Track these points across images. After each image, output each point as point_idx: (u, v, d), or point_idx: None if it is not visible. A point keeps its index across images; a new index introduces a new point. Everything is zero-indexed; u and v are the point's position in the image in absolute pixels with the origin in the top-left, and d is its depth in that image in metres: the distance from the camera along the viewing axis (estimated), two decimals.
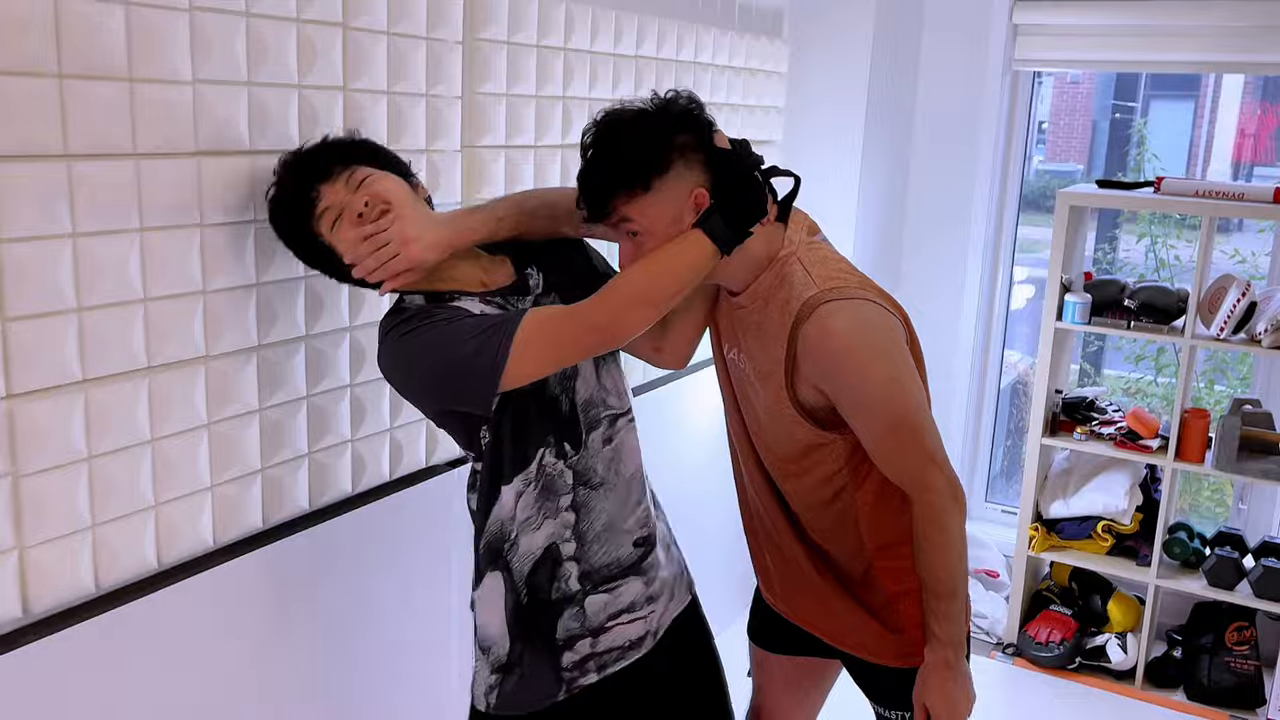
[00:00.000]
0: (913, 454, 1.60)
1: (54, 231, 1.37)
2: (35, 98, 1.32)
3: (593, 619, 1.69)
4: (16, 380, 1.36)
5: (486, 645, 1.69)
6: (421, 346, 1.50)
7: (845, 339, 1.57)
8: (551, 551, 1.65)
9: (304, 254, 1.59)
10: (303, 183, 1.53)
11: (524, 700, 1.68)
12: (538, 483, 1.63)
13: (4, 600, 1.39)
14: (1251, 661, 3.35)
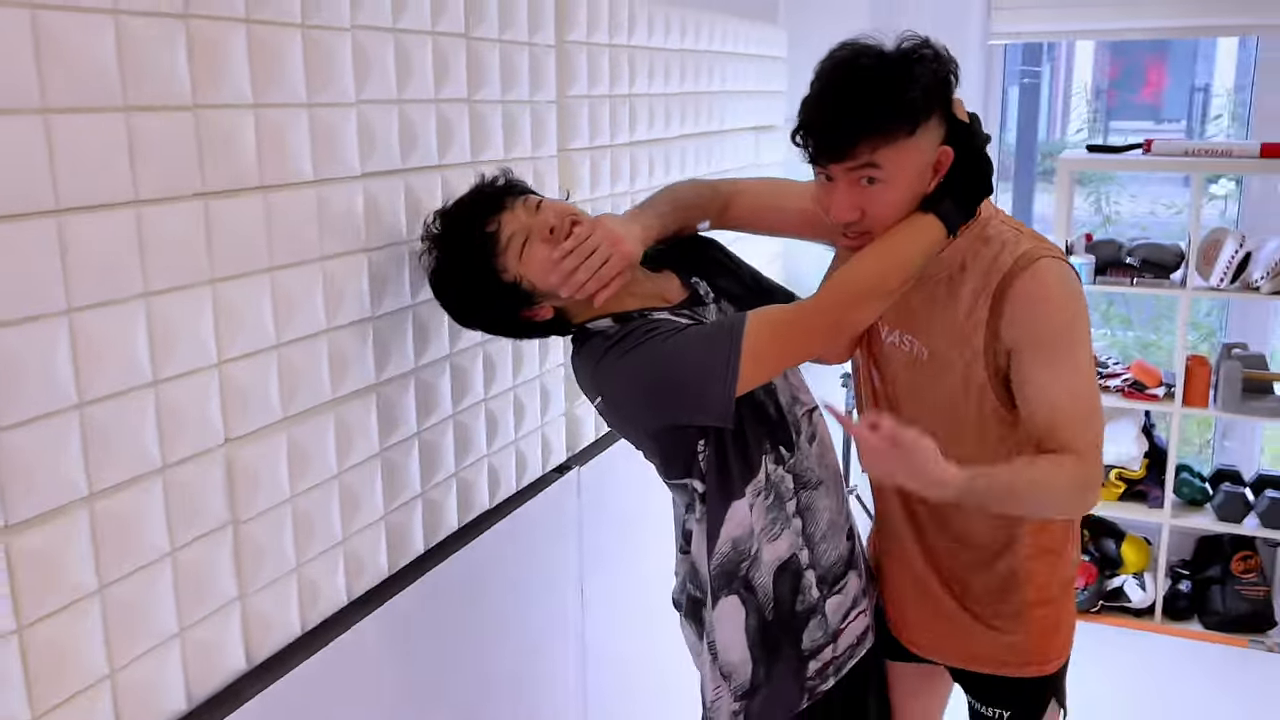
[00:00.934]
0: (1082, 432, 1.39)
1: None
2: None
3: (832, 623, 1.57)
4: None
5: (728, 671, 1.55)
6: (651, 360, 1.37)
7: (1063, 295, 1.42)
8: (792, 563, 1.53)
9: (479, 306, 1.44)
10: (475, 222, 1.39)
11: (770, 715, 1.56)
12: (769, 492, 1.50)
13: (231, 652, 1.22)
14: (1260, 588, 3.35)
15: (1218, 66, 9.57)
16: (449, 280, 1.46)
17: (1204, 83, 9.48)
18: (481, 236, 1.40)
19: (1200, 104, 9.48)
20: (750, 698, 1.56)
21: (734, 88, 2.76)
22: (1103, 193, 5.00)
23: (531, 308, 1.46)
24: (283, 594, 1.35)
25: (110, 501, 1.10)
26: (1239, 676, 3.10)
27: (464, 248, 1.41)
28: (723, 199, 1.65)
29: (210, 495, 1.23)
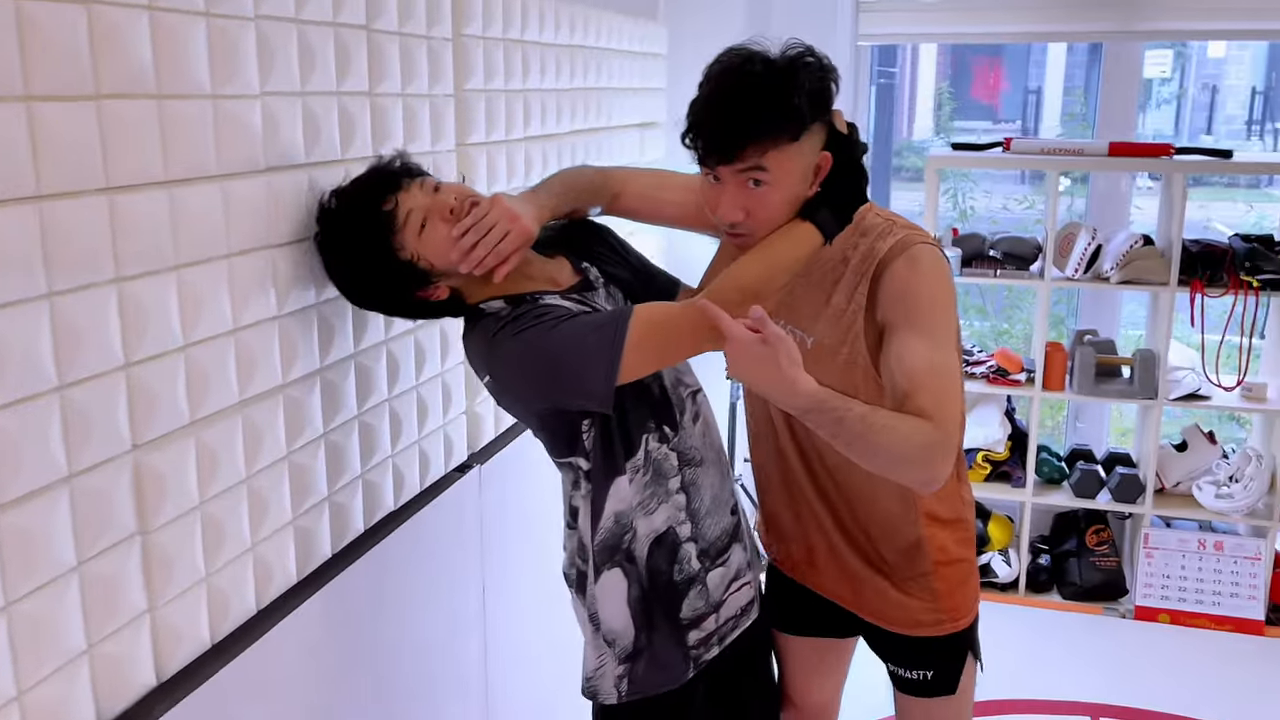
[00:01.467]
0: (940, 405, 1.38)
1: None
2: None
3: (714, 594, 1.63)
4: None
5: (611, 639, 1.61)
6: (539, 344, 1.40)
7: (933, 275, 1.49)
8: (669, 535, 1.59)
9: (375, 284, 1.43)
10: (373, 199, 1.39)
11: (655, 681, 1.61)
12: (647, 469, 1.56)
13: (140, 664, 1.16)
14: (1112, 559, 3.59)
15: (1048, 71, 10.15)
16: (345, 258, 1.44)
17: (1036, 85, 10.06)
18: (379, 214, 1.40)
19: (1034, 105, 10.05)
20: (634, 661, 1.61)
21: (619, 84, 2.78)
22: (959, 190, 5.26)
23: (427, 287, 1.47)
24: (192, 605, 1.30)
25: (15, 513, 1.05)
26: (1096, 642, 3.33)
27: (361, 225, 1.40)
28: (614, 186, 1.68)
29: (118, 504, 1.17)
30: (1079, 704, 2.96)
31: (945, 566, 1.71)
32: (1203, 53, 8.03)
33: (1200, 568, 3.43)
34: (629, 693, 1.62)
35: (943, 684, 1.74)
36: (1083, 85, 9.76)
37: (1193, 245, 3.26)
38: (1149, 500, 3.45)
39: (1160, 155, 3.20)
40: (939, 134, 9.08)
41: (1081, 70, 10.02)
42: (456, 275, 1.46)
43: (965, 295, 5.29)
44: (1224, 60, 9.37)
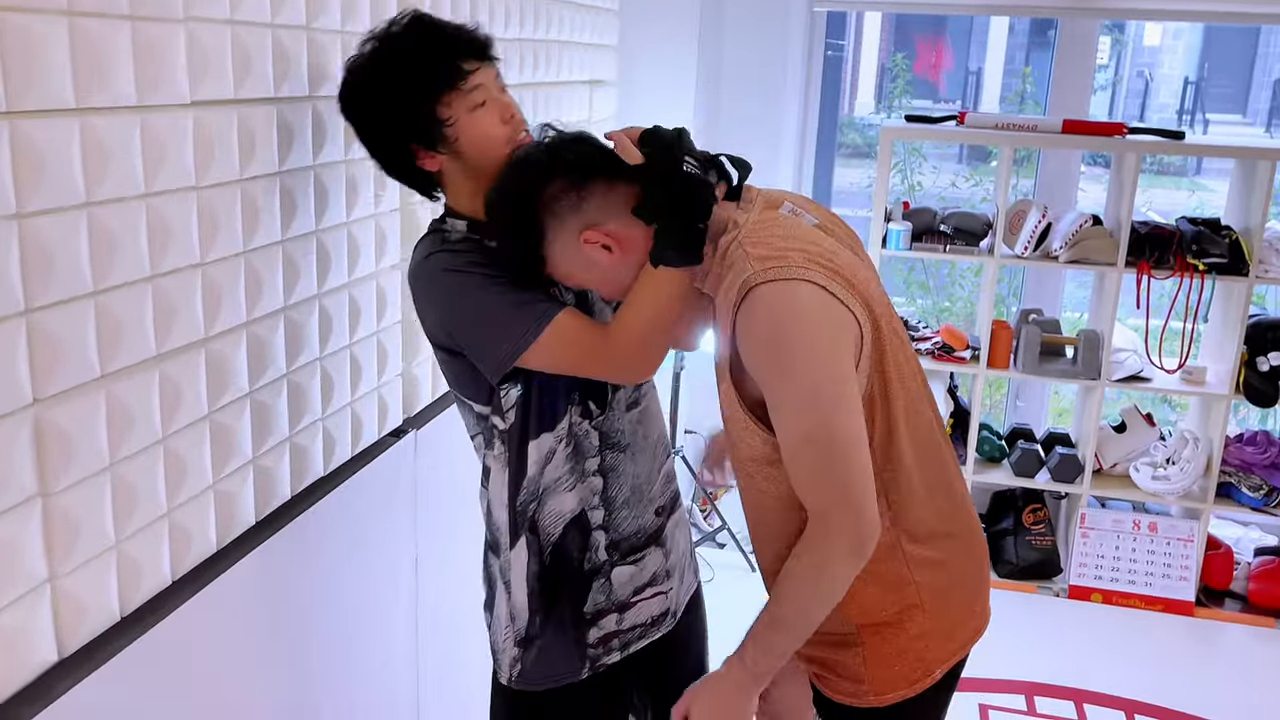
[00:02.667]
0: (823, 479, 1.29)
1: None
2: None
3: (619, 592, 1.56)
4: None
5: (514, 613, 1.56)
6: (461, 294, 1.41)
7: (767, 327, 1.28)
8: (581, 519, 1.53)
9: (395, 111, 1.39)
10: (447, 52, 1.38)
11: (544, 675, 1.56)
12: (569, 442, 1.50)
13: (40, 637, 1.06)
14: (1048, 538, 3.63)
15: (989, 51, 10.24)
16: (390, 73, 1.39)
17: (977, 66, 10.15)
18: (451, 70, 1.38)
19: (974, 85, 10.14)
20: (527, 648, 1.56)
21: (569, 38, 2.69)
22: (908, 165, 5.25)
23: (431, 150, 1.43)
24: (100, 574, 1.21)
25: None
26: (1030, 620, 3.36)
27: (420, 69, 1.37)
28: None
29: (16, 464, 1.07)
30: (1014, 682, 2.99)
31: (868, 631, 1.45)
32: (1139, 40, 8.15)
33: (1134, 549, 3.48)
34: (519, 681, 1.57)
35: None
36: (1023, 66, 9.84)
37: (1141, 227, 3.28)
38: (1087, 480, 3.49)
39: (1114, 134, 3.20)
40: (879, 110, 9.07)
41: (1022, 52, 10.11)
42: (462, 166, 1.44)
43: (909, 270, 5.31)
44: (1159, 49, 9.53)
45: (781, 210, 1.43)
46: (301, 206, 1.54)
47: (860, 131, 8.13)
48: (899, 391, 1.38)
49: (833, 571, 1.30)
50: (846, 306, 1.31)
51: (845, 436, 1.28)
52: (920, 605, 1.44)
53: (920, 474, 1.42)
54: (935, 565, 1.45)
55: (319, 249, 1.60)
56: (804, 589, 1.31)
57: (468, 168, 1.44)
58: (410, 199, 1.87)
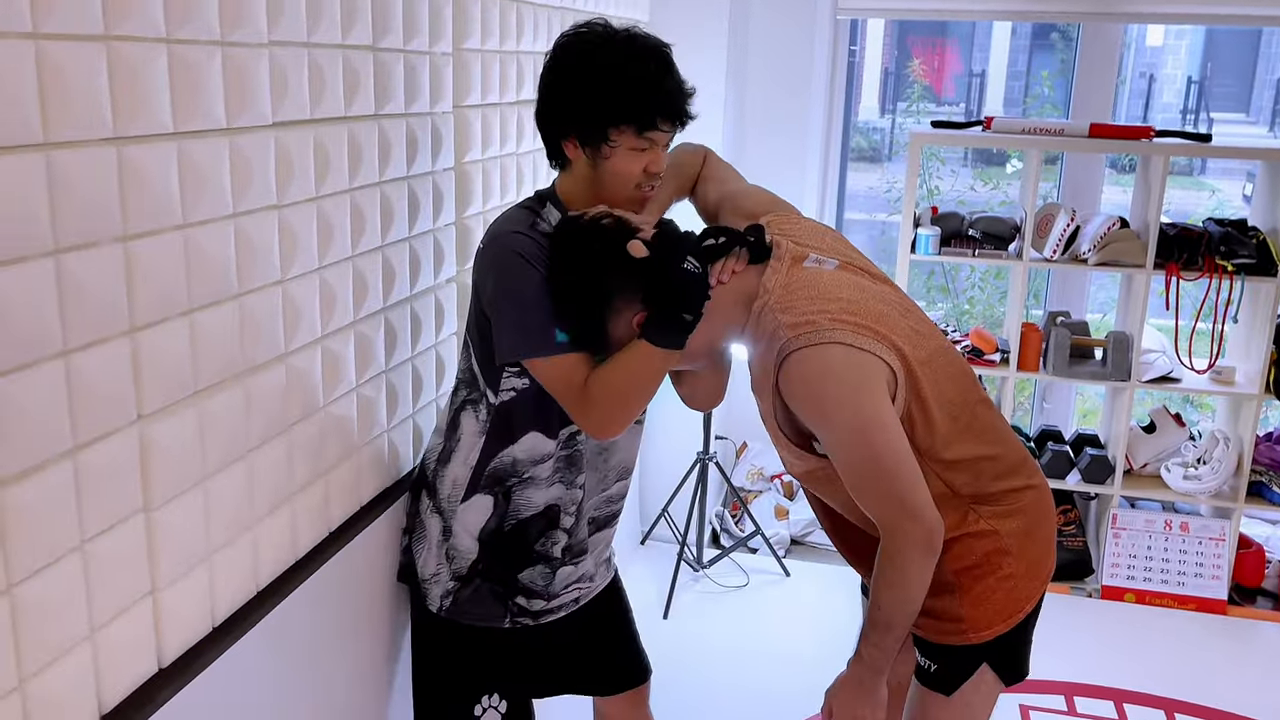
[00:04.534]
0: (881, 499, 1.50)
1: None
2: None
3: (555, 585, 1.71)
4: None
5: (453, 555, 1.67)
6: (520, 279, 1.49)
7: (806, 388, 1.49)
8: (552, 515, 1.67)
9: (570, 104, 1.50)
10: (658, 102, 1.48)
11: (473, 614, 1.68)
12: (567, 452, 1.64)
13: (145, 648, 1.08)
14: (1079, 539, 3.64)
15: (992, 54, 10.24)
16: (607, 75, 1.48)
17: (980, 69, 10.15)
18: (646, 112, 1.47)
19: (978, 88, 10.14)
20: (462, 585, 1.67)
21: None
22: (927, 168, 5.28)
23: (585, 145, 1.52)
24: (195, 585, 1.24)
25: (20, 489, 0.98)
26: (1064, 621, 3.37)
27: (640, 95, 1.47)
28: (700, 158, 1.79)
29: (124, 479, 1.11)
30: (1054, 683, 3.00)
31: (965, 575, 1.62)
32: (1141, 41, 8.16)
33: (1166, 548, 3.49)
34: (449, 612, 1.68)
35: (941, 681, 1.67)
36: (1024, 68, 9.85)
37: (1169, 229, 3.30)
38: (1118, 481, 3.51)
39: (1141, 138, 3.23)
40: (885, 115, 9.08)
41: (1024, 54, 10.12)
42: (591, 174, 1.55)
43: (929, 275, 5.33)
44: (1161, 49, 9.53)
45: (806, 264, 1.58)
46: (370, 223, 1.58)
47: (865, 135, 8.13)
48: (931, 395, 1.54)
49: (914, 571, 1.50)
50: (873, 353, 1.49)
51: (890, 458, 1.47)
52: (1007, 550, 1.61)
53: (967, 450, 1.59)
54: (1011, 515, 1.62)
55: (385, 264, 1.64)
56: (895, 591, 1.52)
57: (593, 178, 1.56)
58: (464, 212, 1.91)
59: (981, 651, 1.64)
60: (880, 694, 1.60)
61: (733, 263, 1.56)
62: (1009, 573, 1.61)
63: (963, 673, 1.66)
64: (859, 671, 1.59)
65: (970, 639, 1.62)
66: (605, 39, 1.50)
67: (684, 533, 3.36)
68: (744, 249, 1.57)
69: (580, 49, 1.51)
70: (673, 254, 1.48)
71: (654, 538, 3.61)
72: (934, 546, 1.49)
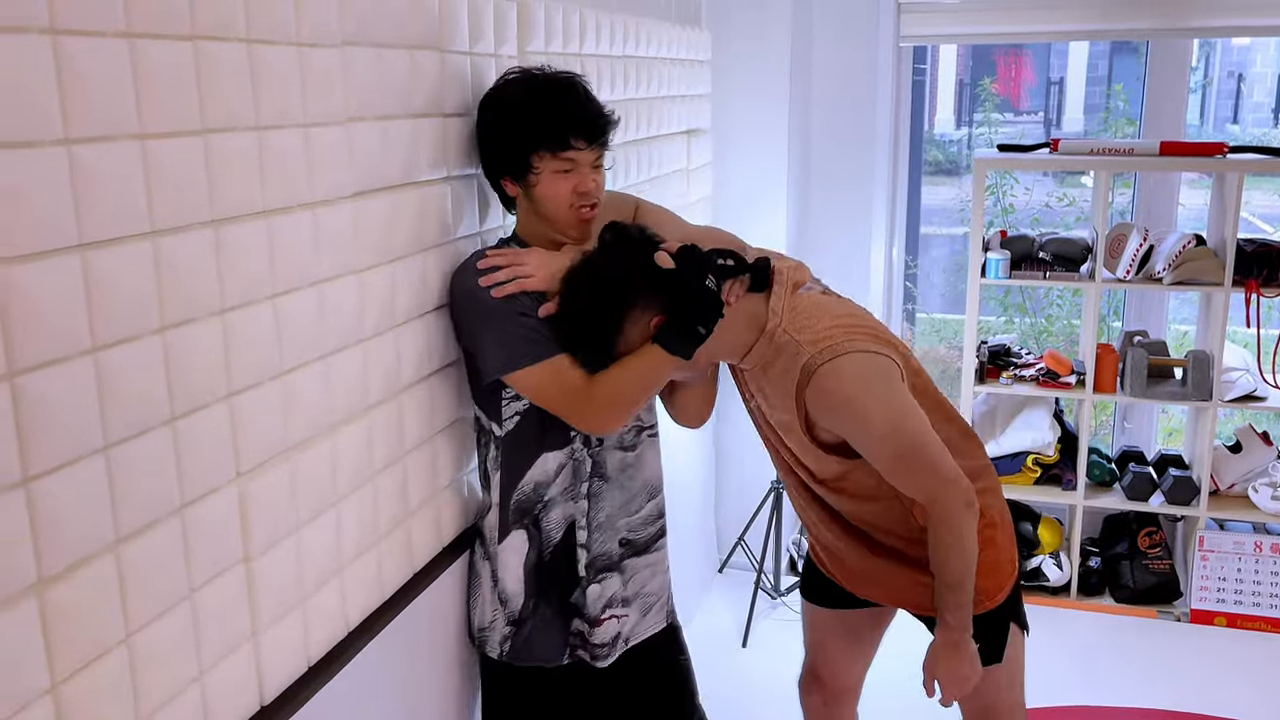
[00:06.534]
0: (921, 475, 1.69)
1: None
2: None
3: (591, 607, 1.73)
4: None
5: (504, 598, 1.72)
6: (478, 304, 1.58)
7: (841, 396, 1.66)
8: (570, 533, 1.71)
9: (499, 138, 1.63)
10: (567, 122, 1.58)
11: (534, 654, 1.73)
12: (570, 461, 1.69)
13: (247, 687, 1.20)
14: (1165, 561, 3.57)
15: (1070, 62, 10.03)
16: (515, 110, 1.61)
17: (1059, 77, 9.96)
18: (558, 135, 1.58)
19: (1056, 97, 9.96)
20: (519, 627, 1.72)
21: (666, 93, 2.80)
22: (1000, 185, 5.24)
23: (516, 180, 1.65)
24: (291, 627, 1.33)
25: (132, 545, 1.07)
26: (1152, 646, 3.31)
27: (547, 119, 1.59)
28: (632, 210, 1.88)
29: (227, 532, 1.20)
30: (1142, 710, 2.95)
31: None
32: (1226, 42, 7.96)
33: (1257, 570, 3.41)
34: (509, 655, 1.73)
35: (990, 654, 1.82)
36: (1105, 73, 9.63)
37: (1246, 245, 3.24)
38: (1204, 502, 3.43)
39: (1213, 154, 3.18)
40: (960, 127, 8.95)
41: (1104, 60, 9.91)
42: (533, 206, 1.66)
43: (1005, 294, 5.28)
44: (1249, 48, 9.26)
45: (803, 291, 1.77)
46: (436, 284, 1.66)
47: (941, 148, 8.06)
48: (915, 383, 1.77)
49: (965, 529, 1.69)
50: (884, 355, 1.70)
51: (920, 437, 1.68)
52: (996, 523, 1.86)
53: (948, 432, 1.78)
54: (990, 492, 1.87)
55: None
56: (955, 552, 1.70)
57: (533, 210, 1.67)
58: None
59: (1004, 611, 1.86)
60: (973, 649, 1.76)
61: (737, 286, 1.68)
62: (1002, 542, 1.87)
63: (1000, 637, 1.86)
64: (951, 636, 1.74)
65: (987, 606, 1.82)
66: (515, 79, 1.64)
67: (760, 560, 3.39)
68: (745, 275, 1.70)
69: (494, 95, 1.65)
70: (697, 269, 1.59)
71: (732, 565, 3.65)
72: (974, 503, 1.70)
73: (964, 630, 1.74)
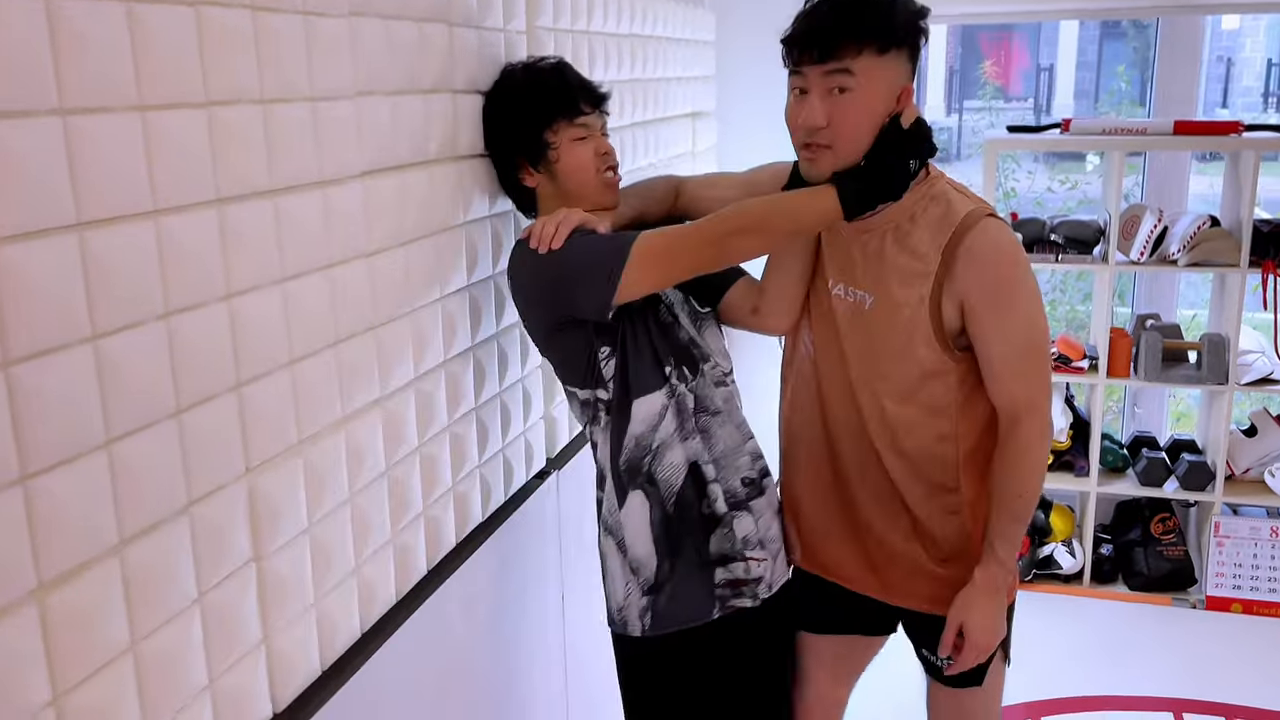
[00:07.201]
0: (1038, 377, 1.60)
1: None
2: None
3: (740, 545, 1.64)
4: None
5: (635, 567, 1.64)
6: (552, 255, 1.52)
7: (1013, 251, 1.58)
8: (695, 471, 1.63)
9: (508, 127, 1.63)
10: (571, 92, 1.62)
11: (679, 616, 1.63)
12: (672, 400, 1.61)
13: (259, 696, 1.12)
14: (1179, 548, 3.52)
15: (1060, 48, 9.99)
16: (521, 94, 1.63)
17: (1049, 63, 9.92)
18: (569, 105, 1.61)
19: (1046, 83, 9.91)
20: (657, 593, 1.62)
21: (671, 74, 2.72)
22: (1002, 169, 5.19)
23: (532, 167, 1.63)
24: (304, 631, 1.26)
25: (139, 546, 1.00)
26: (1169, 633, 3.26)
27: (553, 93, 1.61)
28: (673, 190, 1.86)
29: (236, 530, 1.13)
30: (1161, 699, 2.90)
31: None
32: (1216, 25, 7.94)
33: (1273, 555, 3.36)
34: (652, 627, 1.63)
35: (970, 675, 1.70)
36: (1094, 59, 9.57)
37: (1263, 225, 3.19)
38: (1219, 487, 3.39)
39: (1229, 133, 3.12)
40: (950, 114, 8.90)
41: (1094, 45, 9.87)
42: (555, 189, 1.64)
43: None
44: (1238, 32, 9.23)
45: None
46: (453, 264, 1.59)
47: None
48: None
49: (1045, 448, 1.61)
50: None
51: (1048, 333, 1.62)
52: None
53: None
54: None
55: (471, 303, 1.65)
56: (1035, 477, 1.61)
57: (559, 190, 1.63)
58: None
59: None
60: (1005, 604, 1.65)
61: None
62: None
63: (986, 660, 1.67)
64: (994, 576, 1.61)
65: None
66: (510, 72, 1.68)
67: None
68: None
69: (496, 90, 1.66)
70: (914, 145, 1.54)
71: None
72: (1048, 414, 1.60)
73: (1009, 572, 1.62)
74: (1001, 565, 1.61)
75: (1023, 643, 1.85)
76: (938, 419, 1.64)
